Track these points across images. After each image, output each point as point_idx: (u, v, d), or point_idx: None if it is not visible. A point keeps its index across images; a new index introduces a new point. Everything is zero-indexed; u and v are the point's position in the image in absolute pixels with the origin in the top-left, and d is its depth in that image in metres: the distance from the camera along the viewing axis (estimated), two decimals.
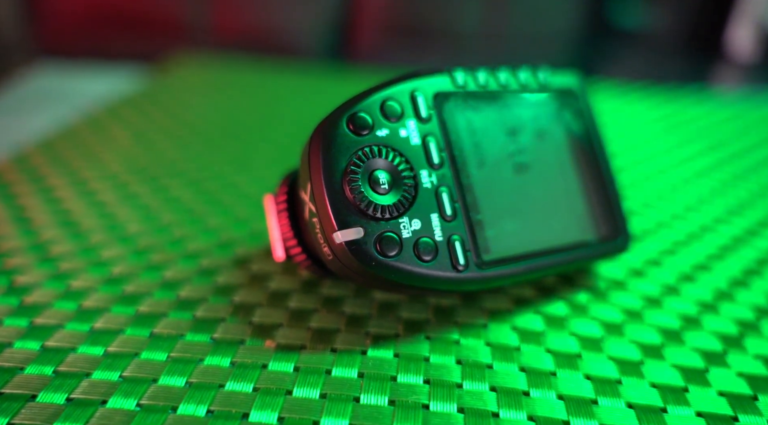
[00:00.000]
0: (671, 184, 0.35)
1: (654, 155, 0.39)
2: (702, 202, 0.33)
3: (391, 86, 0.21)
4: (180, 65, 0.54)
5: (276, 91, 0.49)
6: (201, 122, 0.41)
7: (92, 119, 0.40)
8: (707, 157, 0.40)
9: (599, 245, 0.24)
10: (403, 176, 0.20)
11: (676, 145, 0.41)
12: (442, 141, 0.21)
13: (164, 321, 0.21)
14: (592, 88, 0.55)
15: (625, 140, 0.42)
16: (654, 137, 0.43)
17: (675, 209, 0.32)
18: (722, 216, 0.32)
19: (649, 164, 0.38)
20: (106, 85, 0.50)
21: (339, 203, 0.19)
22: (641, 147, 0.41)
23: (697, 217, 0.31)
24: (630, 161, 0.38)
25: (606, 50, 1.06)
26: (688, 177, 0.36)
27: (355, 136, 0.20)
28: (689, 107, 0.50)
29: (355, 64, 0.88)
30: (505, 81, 0.23)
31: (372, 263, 0.19)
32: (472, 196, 0.22)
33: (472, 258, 0.21)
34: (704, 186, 0.35)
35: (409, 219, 0.20)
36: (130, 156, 0.35)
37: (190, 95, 0.46)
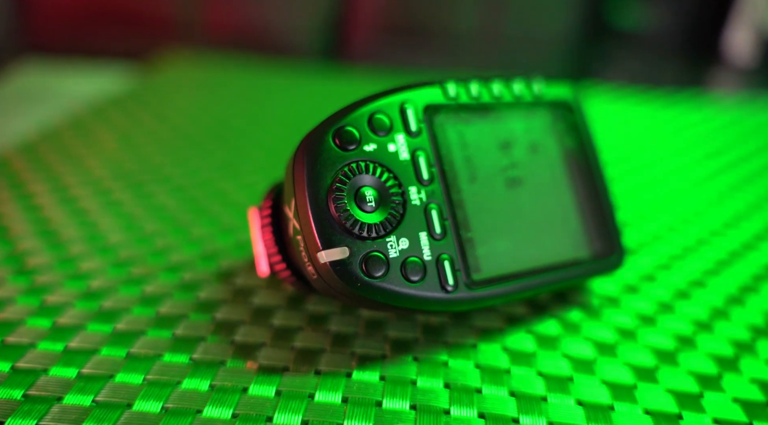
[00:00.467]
0: (667, 194, 0.34)
1: (649, 163, 0.39)
2: (698, 213, 0.32)
3: (379, 99, 0.20)
4: (169, 64, 0.53)
5: (267, 92, 0.48)
6: (189, 125, 0.40)
7: (77, 121, 0.39)
8: (704, 165, 0.39)
9: (593, 262, 0.23)
10: (391, 192, 0.19)
11: (673, 152, 0.41)
12: (432, 156, 0.21)
13: (142, 339, 0.20)
14: (588, 91, 0.54)
15: (620, 146, 0.41)
16: (650, 143, 0.42)
17: (670, 221, 0.31)
18: (718, 229, 0.31)
19: (644, 173, 0.37)
20: (93, 84, 0.49)
21: (324, 222, 0.19)
22: (637, 154, 0.40)
23: (693, 229, 0.31)
24: (625, 170, 0.38)
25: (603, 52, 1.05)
26: (685, 187, 0.36)
27: (341, 151, 0.19)
28: (686, 113, 0.49)
29: (350, 63, 0.88)
30: (498, 93, 0.23)
31: (357, 284, 0.18)
32: (463, 213, 0.21)
33: (461, 278, 0.20)
34: (701, 197, 0.34)
35: (397, 238, 0.19)
36: (115, 161, 0.34)
37: (178, 96, 0.46)
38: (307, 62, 0.72)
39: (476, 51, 0.87)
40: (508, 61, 0.85)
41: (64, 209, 0.29)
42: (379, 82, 0.52)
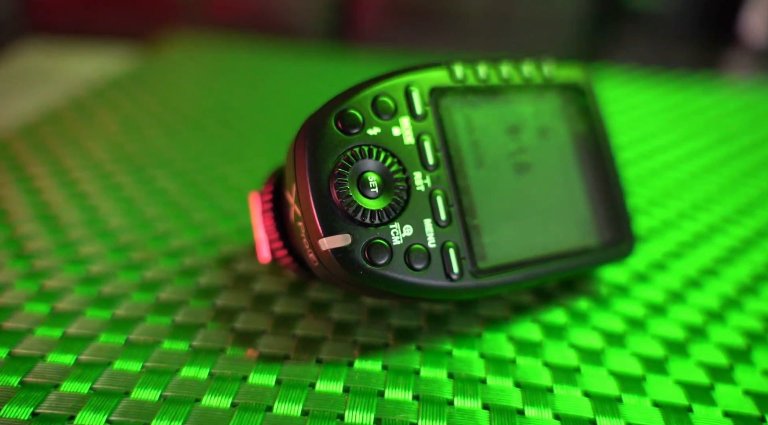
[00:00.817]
0: (679, 180, 0.34)
1: (661, 148, 0.38)
2: (710, 200, 0.32)
3: (384, 81, 0.20)
4: (172, 45, 0.52)
5: (271, 74, 0.47)
6: (192, 108, 0.40)
7: (78, 103, 0.39)
8: (716, 151, 0.38)
9: (603, 250, 0.23)
10: (395, 178, 0.19)
11: (685, 137, 0.40)
12: (438, 140, 0.20)
13: (141, 326, 0.20)
14: (598, 74, 0.53)
15: (631, 131, 0.41)
16: (662, 128, 0.41)
17: (682, 207, 0.31)
18: (731, 216, 0.30)
19: (656, 158, 0.36)
20: (95, 65, 0.48)
21: (325, 208, 0.18)
22: (648, 139, 0.39)
23: (705, 216, 0.30)
24: (636, 155, 0.37)
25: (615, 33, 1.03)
26: (697, 172, 0.35)
27: (344, 135, 0.19)
28: (699, 97, 0.48)
29: (356, 45, 0.86)
30: (507, 75, 0.22)
31: (360, 272, 0.18)
32: (469, 199, 0.20)
33: (467, 266, 0.19)
34: (713, 183, 0.34)
35: (401, 225, 0.19)
36: (116, 144, 0.34)
37: (181, 78, 0.45)
38: (312, 43, 0.71)
39: (485, 33, 0.85)
40: (516, 43, 0.83)
41: (64, 192, 0.28)
42: (385, 64, 0.51)
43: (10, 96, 0.42)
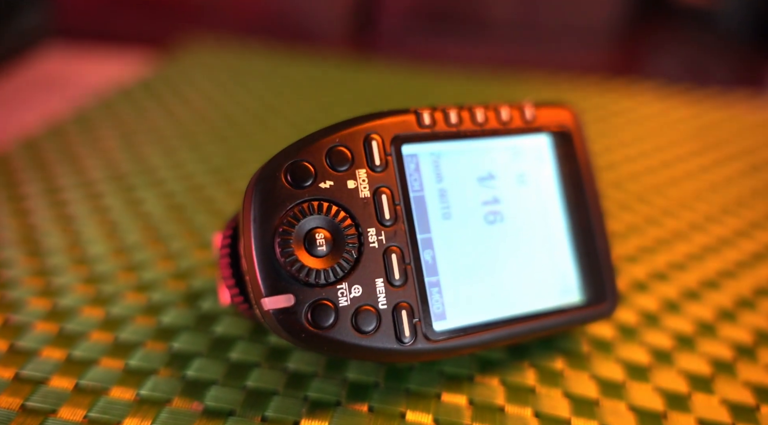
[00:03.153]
0: (693, 225, 0.32)
1: (690, 172, 0.36)
2: (693, 260, 0.29)
3: (342, 129, 0.19)
4: (186, 51, 0.52)
5: (286, 82, 0.46)
6: (196, 121, 0.39)
7: (82, 116, 0.39)
8: (751, 177, 0.35)
9: (582, 310, 0.21)
10: (346, 235, 0.18)
11: (712, 164, 0.37)
12: (399, 192, 0.19)
13: (93, 370, 0.20)
14: (625, 90, 0.50)
15: (660, 151, 0.38)
16: (693, 151, 0.39)
17: (674, 259, 0.29)
18: (730, 268, 0.28)
19: (683, 185, 0.34)
20: (113, 71, 0.49)
21: (269, 266, 0.17)
22: (679, 161, 0.37)
23: (699, 270, 0.28)
24: (663, 178, 0.35)
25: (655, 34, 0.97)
26: (726, 204, 0.32)
27: (293, 189, 0.18)
28: (737, 117, 0.45)
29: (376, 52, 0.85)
30: (482, 119, 0.21)
31: (301, 335, 0.17)
32: (431, 254, 0.19)
33: (420, 329, 0.18)
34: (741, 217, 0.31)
35: (349, 285, 0.18)
36: (113, 161, 0.34)
37: (190, 88, 0.45)
38: (331, 50, 0.70)
39: (510, 40, 0.82)
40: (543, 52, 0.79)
41: (52, 214, 0.28)
42: (404, 74, 0.50)
43: (25, 103, 0.43)
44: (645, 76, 0.54)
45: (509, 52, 0.80)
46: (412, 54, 0.84)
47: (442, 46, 0.81)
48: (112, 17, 0.79)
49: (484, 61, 0.68)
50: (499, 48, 0.81)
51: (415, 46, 0.82)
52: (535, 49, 0.83)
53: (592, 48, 0.83)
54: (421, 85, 0.49)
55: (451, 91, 0.48)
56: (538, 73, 0.54)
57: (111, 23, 0.78)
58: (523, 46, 0.83)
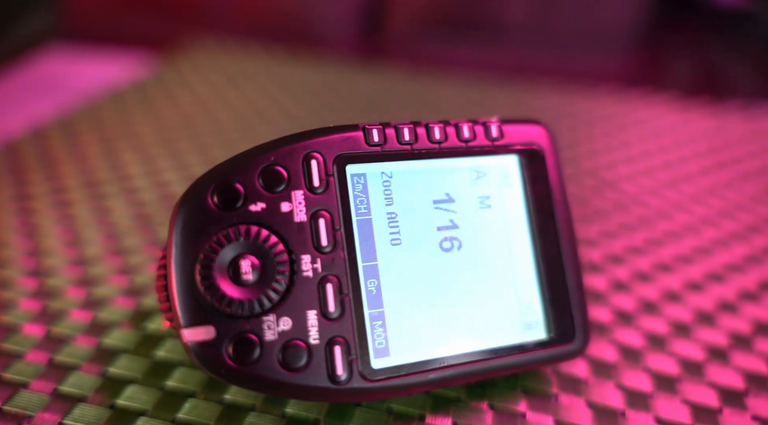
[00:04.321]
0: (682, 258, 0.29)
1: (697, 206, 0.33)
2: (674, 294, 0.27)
3: (279, 146, 0.17)
4: (184, 55, 0.51)
5: (280, 89, 0.45)
6: (182, 127, 0.39)
7: (68, 120, 0.38)
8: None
9: (547, 348, 0.19)
10: (277, 262, 0.17)
11: (725, 186, 0.35)
12: (340, 216, 0.17)
13: (19, 395, 0.19)
14: (640, 102, 0.48)
15: (664, 172, 0.36)
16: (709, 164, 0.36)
17: (647, 295, 0.26)
18: (710, 312, 0.26)
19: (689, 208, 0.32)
20: (112, 73, 0.48)
21: (189, 296, 0.16)
22: (683, 181, 0.35)
23: (674, 311, 0.26)
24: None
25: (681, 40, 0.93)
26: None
27: (220, 212, 0.16)
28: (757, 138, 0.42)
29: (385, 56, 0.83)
30: (440, 136, 0.19)
31: (221, 370, 0.16)
32: (375, 284, 0.18)
33: (357, 367, 0.17)
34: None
35: (277, 317, 0.16)
36: (89, 169, 0.33)
37: (183, 92, 0.44)
38: (339, 54, 0.68)
39: (524, 45, 0.79)
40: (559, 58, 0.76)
41: (15, 222, 0.28)
42: (410, 79, 0.48)
43: (23, 104, 0.43)
44: (665, 86, 0.51)
45: (522, 58, 0.78)
46: (422, 59, 0.83)
47: (452, 51, 0.79)
48: (121, 19, 0.79)
49: (496, 67, 0.66)
50: (511, 54, 0.79)
51: (425, 51, 0.80)
52: (550, 55, 0.80)
53: (609, 55, 0.80)
54: (425, 90, 0.47)
55: (456, 98, 0.46)
56: (550, 80, 0.52)
57: (119, 25, 0.78)
58: (537, 52, 0.80)
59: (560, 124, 0.43)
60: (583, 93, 0.48)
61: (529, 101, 0.46)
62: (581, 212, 0.31)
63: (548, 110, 0.45)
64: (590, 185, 0.35)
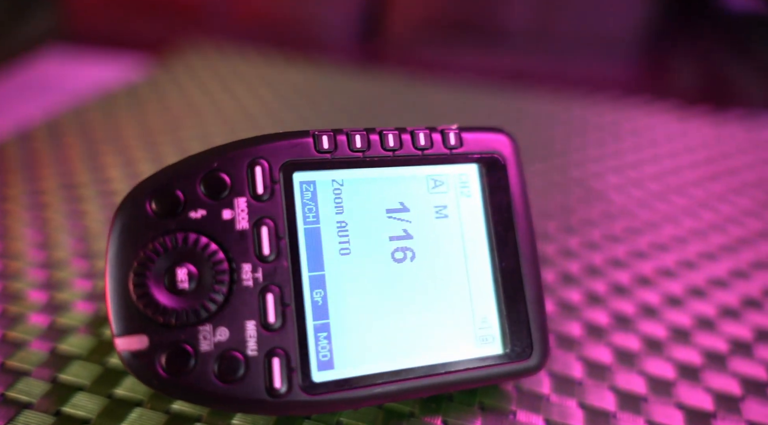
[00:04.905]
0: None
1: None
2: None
3: (224, 152, 0.17)
4: (179, 58, 0.51)
5: (272, 93, 0.45)
6: (167, 131, 0.38)
7: (54, 123, 0.39)
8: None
9: (503, 364, 0.19)
10: (216, 271, 0.16)
11: (719, 200, 0.34)
12: (285, 224, 0.17)
13: None
14: (642, 110, 0.47)
15: (661, 181, 0.35)
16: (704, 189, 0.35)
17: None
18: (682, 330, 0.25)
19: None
20: (107, 75, 0.48)
21: (123, 304, 0.16)
22: (678, 191, 0.34)
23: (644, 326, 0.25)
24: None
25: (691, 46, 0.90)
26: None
27: (158, 219, 0.16)
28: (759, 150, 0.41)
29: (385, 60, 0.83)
30: (394, 144, 0.19)
31: (153, 381, 0.15)
32: (322, 294, 0.17)
33: (297, 379, 0.16)
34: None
35: (214, 327, 0.16)
36: (71, 171, 0.33)
37: (175, 96, 0.44)
38: (336, 58, 0.68)
39: (527, 50, 0.78)
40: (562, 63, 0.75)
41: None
42: (406, 86, 0.48)
43: (21, 104, 0.43)
44: (669, 94, 0.50)
45: (523, 64, 0.76)
46: (421, 64, 0.82)
47: (453, 56, 0.78)
48: (122, 22, 0.80)
49: (496, 73, 0.65)
50: (512, 59, 0.77)
51: (425, 56, 0.79)
52: (551, 61, 0.78)
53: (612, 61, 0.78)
54: (420, 95, 0.47)
55: (450, 103, 0.46)
56: (549, 87, 0.51)
57: (121, 28, 0.79)
58: (538, 58, 0.79)
59: (553, 131, 0.42)
60: (581, 100, 0.48)
61: (523, 107, 0.46)
62: (565, 221, 0.31)
63: (542, 116, 0.44)
64: (577, 194, 0.34)
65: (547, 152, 0.39)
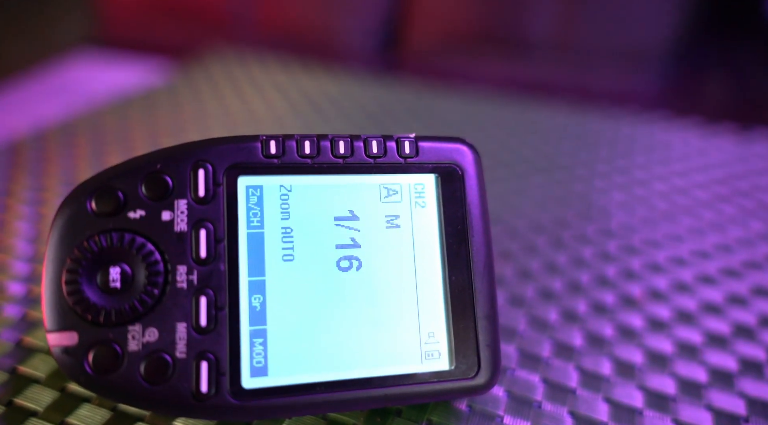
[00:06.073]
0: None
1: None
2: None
3: (167, 154, 0.17)
4: (200, 64, 0.53)
5: (288, 104, 0.46)
6: (176, 136, 0.39)
7: (70, 123, 0.40)
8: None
9: (450, 381, 0.18)
10: (151, 272, 0.16)
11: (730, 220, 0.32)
12: (225, 227, 0.17)
13: None
14: (662, 125, 0.45)
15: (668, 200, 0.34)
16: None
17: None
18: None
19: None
20: (132, 79, 0.50)
21: (56, 300, 0.16)
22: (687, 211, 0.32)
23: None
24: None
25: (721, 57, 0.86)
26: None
27: (96, 217, 0.16)
28: None
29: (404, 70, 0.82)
30: (345, 151, 0.18)
31: (80, 378, 0.16)
32: (260, 300, 0.17)
33: (225, 384, 0.16)
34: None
35: (143, 327, 0.16)
36: (74, 173, 0.34)
37: (189, 101, 0.45)
38: (357, 67, 0.68)
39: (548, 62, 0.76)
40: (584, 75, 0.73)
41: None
42: (422, 95, 0.47)
43: (45, 105, 0.45)
44: (696, 109, 0.47)
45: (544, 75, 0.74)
46: (441, 74, 0.81)
47: (474, 67, 0.77)
48: (154, 28, 0.82)
49: (517, 84, 0.64)
50: (535, 70, 0.76)
51: (446, 67, 0.78)
52: (575, 73, 0.76)
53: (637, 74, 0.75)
54: (433, 105, 0.46)
55: (463, 113, 0.45)
56: (568, 99, 0.50)
57: (152, 34, 0.82)
58: (560, 70, 0.77)
59: (561, 144, 0.41)
60: (597, 114, 0.46)
61: (536, 119, 0.45)
62: (557, 236, 0.30)
63: (553, 129, 0.43)
64: (577, 209, 0.33)
65: (550, 164, 0.38)
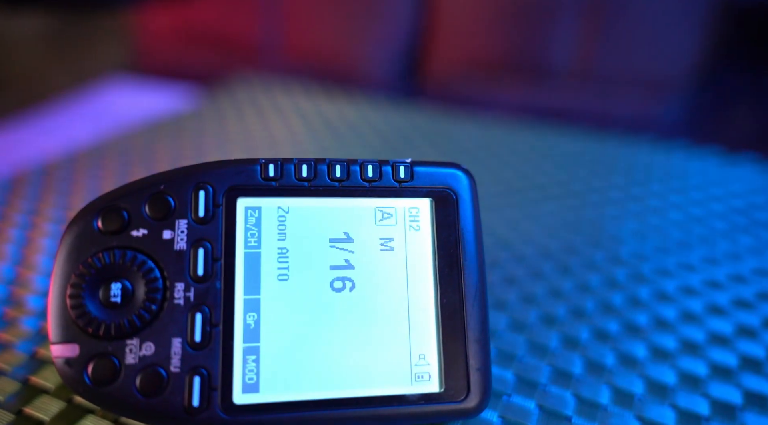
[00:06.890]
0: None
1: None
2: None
3: (171, 176, 0.18)
4: (227, 91, 0.55)
5: (309, 130, 0.47)
6: (198, 161, 0.41)
7: (99, 147, 0.42)
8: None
9: (440, 404, 0.18)
10: (150, 288, 0.17)
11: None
12: (222, 247, 0.18)
13: None
14: (679, 154, 0.45)
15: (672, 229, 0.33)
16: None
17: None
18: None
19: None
20: (163, 106, 0.52)
21: (61, 312, 0.17)
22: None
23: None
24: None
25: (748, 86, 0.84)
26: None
27: (101, 235, 0.17)
28: None
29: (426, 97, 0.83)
30: (341, 175, 0.19)
31: (80, 389, 0.16)
32: (255, 318, 0.18)
33: (216, 399, 0.17)
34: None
35: (141, 342, 0.17)
36: (99, 194, 0.36)
37: (213, 127, 0.47)
38: (376, 95, 0.70)
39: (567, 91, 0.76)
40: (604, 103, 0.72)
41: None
42: (440, 121, 0.48)
43: (77, 130, 0.47)
44: (721, 139, 0.47)
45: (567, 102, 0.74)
46: (461, 101, 0.82)
47: (494, 94, 0.78)
48: (187, 56, 0.86)
49: (537, 111, 0.64)
50: (556, 97, 0.76)
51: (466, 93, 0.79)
52: (596, 100, 0.76)
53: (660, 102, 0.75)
54: (452, 129, 0.47)
55: (480, 138, 0.46)
56: (587, 126, 0.50)
57: (185, 62, 0.85)
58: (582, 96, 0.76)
59: (576, 170, 0.41)
60: (615, 140, 0.46)
61: (553, 144, 0.45)
62: (563, 262, 0.30)
63: (569, 154, 0.43)
64: (587, 236, 0.33)
65: (563, 190, 0.38)
